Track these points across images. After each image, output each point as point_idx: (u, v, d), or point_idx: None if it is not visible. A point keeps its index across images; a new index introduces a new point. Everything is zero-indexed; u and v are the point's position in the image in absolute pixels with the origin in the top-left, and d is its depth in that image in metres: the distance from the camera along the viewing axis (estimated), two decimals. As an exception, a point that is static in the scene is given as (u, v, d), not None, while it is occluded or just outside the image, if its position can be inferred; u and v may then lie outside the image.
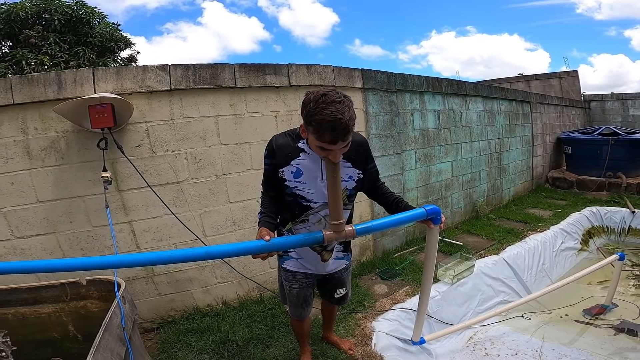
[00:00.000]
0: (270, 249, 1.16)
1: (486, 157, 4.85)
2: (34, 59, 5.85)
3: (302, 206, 1.41)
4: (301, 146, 1.36)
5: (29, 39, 6.12)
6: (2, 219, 2.03)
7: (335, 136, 1.08)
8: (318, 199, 1.39)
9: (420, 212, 1.35)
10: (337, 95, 1.10)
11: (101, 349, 1.35)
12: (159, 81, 2.17)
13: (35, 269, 1.10)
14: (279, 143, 1.36)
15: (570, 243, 4.24)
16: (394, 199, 1.53)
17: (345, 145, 1.15)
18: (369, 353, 2.08)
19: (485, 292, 3.09)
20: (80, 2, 6.79)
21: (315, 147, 1.18)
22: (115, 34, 7.41)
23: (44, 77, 1.99)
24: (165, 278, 2.38)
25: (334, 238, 1.23)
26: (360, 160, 1.43)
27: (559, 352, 2.42)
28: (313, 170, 1.36)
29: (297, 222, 1.46)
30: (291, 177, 1.37)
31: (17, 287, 1.89)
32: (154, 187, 2.21)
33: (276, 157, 1.36)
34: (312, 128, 1.11)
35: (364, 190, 1.60)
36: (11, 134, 1.98)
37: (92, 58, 6.72)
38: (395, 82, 3.42)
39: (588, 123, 8.63)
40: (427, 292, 1.87)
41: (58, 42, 6.43)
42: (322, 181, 1.36)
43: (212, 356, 2.08)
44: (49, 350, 1.92)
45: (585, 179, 6.03)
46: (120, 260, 1.21)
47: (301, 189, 1.38)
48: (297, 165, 1.36)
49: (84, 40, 6.83)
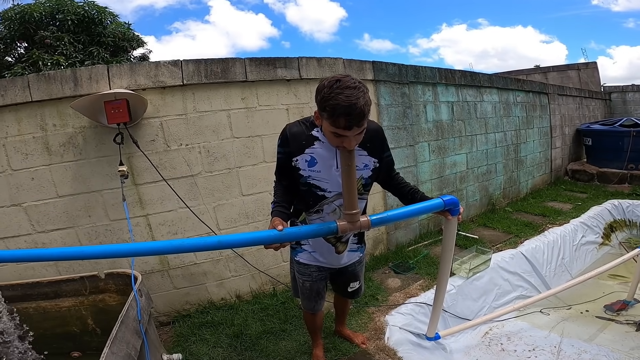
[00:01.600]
0: (283, 239, 1.11)
1: (502, 149, 4.74)
2: (50, 60, 5.97)
3: (317, 196, 1.38)
4: (315, 134, 1.33)
5: (44, 40, 6.24)
6: (23, 213, 2.09)
7: (350, 121, 1.06)
8: (333, 188, 1.36)
9: (437, 203, 1.30)
10: (352, 81, 1.07)
11: (117, 341, 1.37)
12: (172, 76, 2.19)
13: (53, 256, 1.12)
14: (292, 131, 1.34)
15: (591, 237, 4.12)
16: (410, 189, 1.49)
17: (360, 132, 1.12)
18: (382, 347, 2.07)
19: (502, 286, 3.03)
20: (92, 2, 6.91)
21: (329, 134, 1.15)
22: (127, 34, 7.50)
23: (60, 75, 2.04)
24: (180, 272, 2.41)
25: (348, 229, 1.18)
26: (376, 148, 1.39)
27: (578, 348, 2.36)
28: (327, 158, 1.33)
29: (311, 213, 1.43)
30: (305, 166, 1.34)
31: (38, 281, 1.94)
32: (169, 180, 2.24)
33: (290, 146, 1.33)
34: (326, 114, 1.09)
35: (378, 181, 1.56)
36: (30, 131, 2.04)
37: (106, 57, 6.82)
38: (407, 74, 3.37)
39: (609, 115, 8.36)
40: (443, 287, 1.82)
41: (72, 42, 6.55)
42: (337, 170, 1.33)
43: (225, 349, 2.10)
44: (69, 344, 1.96)
45: (606, 172, 5.85)
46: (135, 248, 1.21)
47: (315, 178, 1.35)
48: (312, 153, 1.32)
49: (97, 40, 6.95)
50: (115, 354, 1.30)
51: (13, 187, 2.05)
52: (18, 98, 1.98)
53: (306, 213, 1.47)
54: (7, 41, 6.56)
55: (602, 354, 2.26)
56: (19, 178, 2.05)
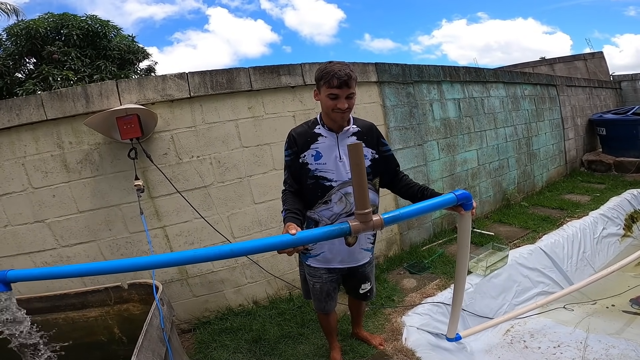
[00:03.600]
0: (297, 243, 1.11)
1: (513, 143, 4.68)
2: (59, 75, 6.11)
3: (324, 187, 1.50)
4: (317, 131, 1.51)
5: (52, 55, 6.39)
6: (47, 229, 2.17)
7: (340, 79, 1.33)
8: (338, 177, 1.50)
9: (450, 198, 1.28)
10: (341, 62, 1.39)
11: (144, 349, 1.40)
12: (179, 89, 2.26)
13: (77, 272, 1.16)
14: (297, 131, 1.52)
15: (613, 229, 4.01)
16: (419, 187, 1.52)
17: (349, 95, 1.38)
18: (400, 348, 2.05)
19: (522, 283, 2.97)
20: (95, 17, 7.06)
21: (325, 99, 1.40)
22: (132, 46, 7.63)
23: (72, 92, 2.11)
24: (198, 280, 2.45)
25: (361, 229, 1.16)
26: (372, 141, 1.55)
27: (605, 344, 2.28)
28: (331, 150, 1.49)
29: (320, 204, 1.51)
30: (312, 160, 1.49)
31: (65, 292, 2.00)
32: (183, 192, 2.29)
33: (297, 144, 1.49)
34: (322, 81, 1.38)
35: (384, 182, 1.62)
36: (48, 149, 2.12)
37: (114, 71, 6.94)
38: (411, 74, 3.38)
39: (621, 103, 8.22)
40: (461, 285, 1.76)
41: (79, 57, 6.68)
42: (341, 160, 1.49)
43: (245, 355, 2.12)
44: (97, 353, 2.02)
45: (623, 161, 5.72)
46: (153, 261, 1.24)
47: (322, 170, 1.49)
48: (317, 148, 1.49)
49: (103, 54, 7.07)
50: None
51: (35, 205, 2.13)
52: (33, 117, 2.06)
53: (314, 208, 1.53)
54: (15, 57, 6.71)
55: (631, 349, 2.19)
56: (41, 195, 2.13)
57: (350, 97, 1.39)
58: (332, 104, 1.39)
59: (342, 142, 1.50)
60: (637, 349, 2.18)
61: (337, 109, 1.39)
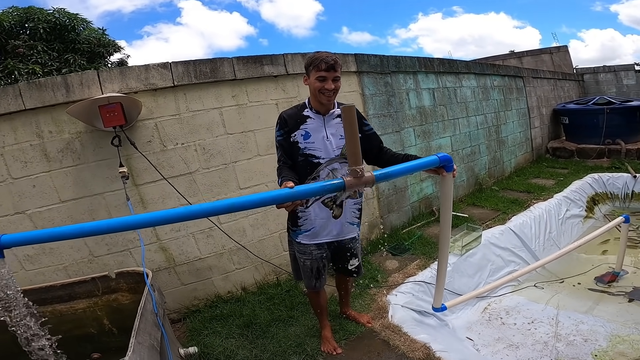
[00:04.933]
0: (295, 196, 1.16)
1: (484, 130, 4.93)
2: (25, 69, 5.83)
3: (313, 164, 1.63)
4: (306, 113, 1.64)
5: (17, 49, 6.10)
6: (28, 220, 2.11)
7: (327, 63, 1.50)
8: (325, 155, 1.64)
9: (433, 159, 1.36)
10: (327, 52, 1.57)
11: (141, 331, 1.41)
12: (162, 78, 2.26)
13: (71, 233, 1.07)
14: (288, 113, 1.66)
15: (575, 210, 4.29)
16: (403, 155, 1.72)
17: (335, 78, 1.54)
18: (387, 325, 2.16)
19: (495, 262, 3.15)
20: (62, 10, 6.78)
21: (314, 82, 1.55)
22: (102, 39, 7.37)
23: (52, 82, 2.07)
24: (186, 267, 2.47)
25: (354, 183, 1.21)
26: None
27: (575, 320, 2.47)
28: (318, 130, 1.63)
29: (309, 180, 1.63)
30: (301, 139, 1.62)
31: (51, 284, 1.95)
32: (168, 178, 2.30)
33: (288, 124, 1.62)
34: (311, 66, 1.54)
35: (370, 159, 1.75)
36: (27, 139, 2.06)
37: (83, 64, 6.67)
38: (389, 64, 3.51)
39: (582, 94, 8.68)
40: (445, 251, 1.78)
41: (46, 51, 6.39)
42: (327, 140, 1.63)
43: (237, 340, 2.16)
44: (89, 346, 1.97)
45: (585, 147, 6.08)
46: (148, 218, 1.17)
47: (310, 148, 1.62)
48: (306, 128, 1.62)
49: (71, 47, 6.77)
50: (141, 344, 1.33)
51: (15, 196, 2.07)
52: (11, 107, 2.00)
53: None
54: (-22, 52, 6.36)
55: (599, 324, 2.38)
56: (21, 186, 2.07)
57: (336, 79, 1.54)
58: (319, 85, 1.53)
59: (328, 123, 1.64)
60: (605, 325, 2.37)
61: (325, 89, 1.54)
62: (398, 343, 1.98)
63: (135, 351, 1.24)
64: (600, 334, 2.29)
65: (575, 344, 2.24)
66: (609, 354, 2.12)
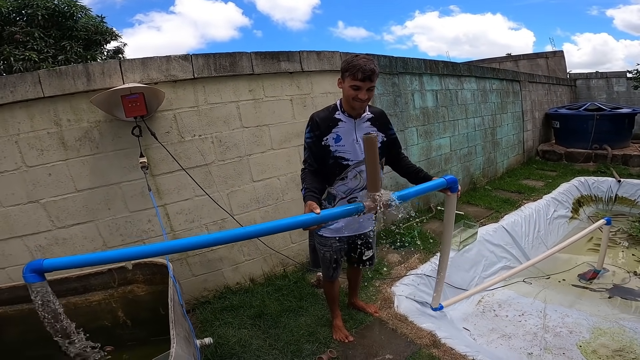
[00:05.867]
0: (321, 220, 1.32)
1: (481, 132, 5.09)
2: (21, 56, 5.75)
3: (342, 165, 1.68)
4: (338, 116, 1.66)
5: (14, 35, 6.00)
6: (42, 210, 2.08)
7: (364, 73, 1.48)
8: (354, 157, 1.67)
9: (441, 182, 1.62)
10: (367, 55, 1.55)
11: (177, 323, 1.40)
12: (183, 70, 2.27)
13: (111, 258, 1.18)
14: (321, 117, 1.66)
15: (562, 211, 4.51)
16: (415, 169, 1.80)
17: (369, 88, 1.53)
18: (394, 314, 2.26)
19: (489, 258, 3.32)
20: None
21: (348, 89, 1.55)
22: (100, 27, 7.29)
23: (72, 70, 2.05)
24: (198, 259, 2.52)
25: (373, 207, 1.40)
26: (383, 126, 1.74)
27: (561, 313, 2.65)
28: (349, 133, 1.66)
29: (337, 181, 1.70)
30: (333, 142, 1.65)
31: (67, 276, 1.91)
32: (185, 170, 2.32)
33: (320, 128, 1.64)
34: (347, 72, 1.52)
35: (388, 161, 1.84)
36: (44, 127, 2.04)
37: (80, 52, 6.60)
38: (397, 65, 3.59)
39: (574, 100, 8.92)
40: (445, 259, 2.02)
41: (43, 37, 6.32)
42: (357, 143, 1.67)
43: (250, 330, 2.20)
44: (101, 339, 1.95)
45: (573, 151, 6.32)
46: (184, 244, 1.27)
47: (341, 151, 1.66)
48: (337, 132, 1.65)
49: (69, 34, 6.70)
50: (179, 335, 1.33)
51: (29, 184, 2.04)
52: (29, 94, 1.97)
53: (331, 185, 1.71)
54: (-26, 39, 6.21)
55: (582, 318, 2.57)
56: (35, 174, 2.05)
57: (370, 89, 1.54)
58: (353, 93, 1.54)
59: (359, 127, 1.68)
60: (588, 318, 2.56)
61: (358, 99, 1.54)
62: (405, 331, 2.09)
63: (177, 342, 1.26)
64: (583, 327, 2.46)
65: (561, 335, 2.40)
66: (592, 345, 2.29)
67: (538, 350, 2.27)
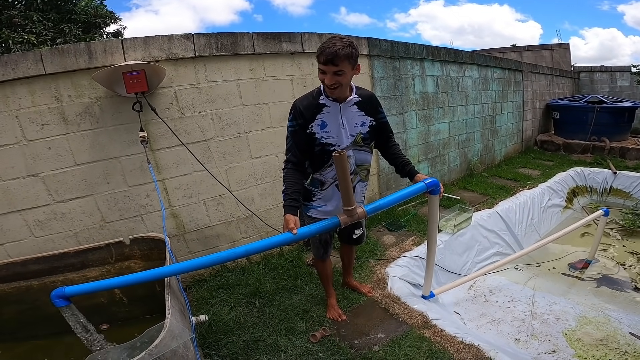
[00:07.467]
0: (298, 239, 1.40)
1: (480, 119, 5.10)
2: (20, 39, 5.71)
3: (329, 152, 1.63)
4: (322, 102, 1.60)
5: (12, 19, 5.96)
6: (41, 183, 2.09)
7: (326, 56, 1.40)
8: (340, 142, 1.63)
9: (420, 187, 1.60)
10: (343, 37, 1.45)
11: (173, 295, 1.43)
12: (184, 49, 2.27)
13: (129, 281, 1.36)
14: (304, 104, 1.60)
15: (556, 200, 4.55)
16: (402, 161, 1.77)
17: (335, 73, 1.44)
18: (387, 295, 2.31)
19: (482, 243, 3.37)
20: None
21: (318, 72, 1.49)
22: (100, 10, 7.21)
23: (74, 48, 2.04)
24: (195, 235, 2.56)
25: (349, 221, 1.44)
26: (371, 110, 1.69)
27: (549, 300, 2.71)
28: (335, 118, 1.61)
29: (325, 168, 1.68)
30: (318, 129, 1.60)
31: (65, 252, 1.92)
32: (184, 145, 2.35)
33: (304, 117, 1.58)
34: (316, 55, 1.45)
35: (377, 145, 1.82)
36: (45, 102, 2.04)
37: (79, 34, 6.56)
38: (398, 50, 3.58)
39: (577, 92, 8.85)
40: (432, 253, 2.04)
41: (41, 21, 6.26)
42: (343, 127, 1.62)
43: (245, 308, 2.24)
44: (97, 318, 1.85)
45: (571, 142, 6.33)
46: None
47: (327, 137, 1.62)
48: (322, 118, 1.60)
49: (68, 18, 6.63)
50: (174, 307, 1.35)
51: (29, 158, 2.05)
52: (31, 71, 1.97)
53: (319, 171, 1.70)
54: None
55: (570, 306, 2.62)
56: (35, 148, 2.06)
57: (338, 73, 1.44)
58: (321, 77, 1.50)
59: (345, 111, 1.62)
60: (575, 307, 2.62)
61: (324, 83, 1.50)
62: (398, 311, 2.14)
63: (172, 314, 1.28)
64: (570, 315, 2.52)
65: (548, 322, 2.46)
66: (577, 333, 2.34)
67: (525, 336, 2.33)
